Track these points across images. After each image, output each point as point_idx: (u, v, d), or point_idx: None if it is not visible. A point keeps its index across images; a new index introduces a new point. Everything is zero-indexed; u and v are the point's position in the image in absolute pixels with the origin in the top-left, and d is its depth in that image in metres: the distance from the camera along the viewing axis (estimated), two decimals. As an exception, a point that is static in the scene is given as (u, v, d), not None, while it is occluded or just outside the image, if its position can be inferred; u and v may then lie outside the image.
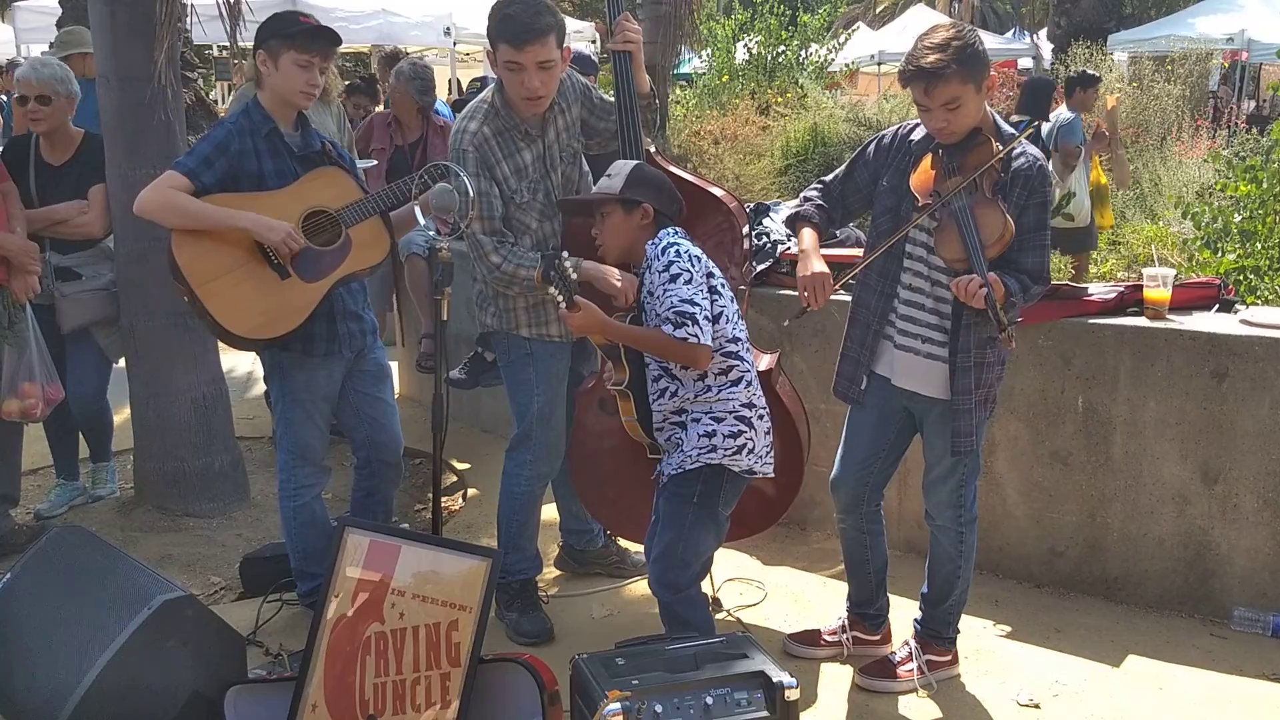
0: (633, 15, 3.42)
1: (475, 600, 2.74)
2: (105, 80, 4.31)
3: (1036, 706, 3.12)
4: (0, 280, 3.94)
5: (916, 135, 3.02)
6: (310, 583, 3.47)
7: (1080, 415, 3.65)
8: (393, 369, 3.95)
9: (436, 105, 6.97)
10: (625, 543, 3.94)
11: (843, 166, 3.19)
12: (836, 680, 3.24)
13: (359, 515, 3.55)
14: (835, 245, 4.02)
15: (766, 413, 2.95)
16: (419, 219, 3.22)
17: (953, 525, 3.11)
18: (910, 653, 3.23)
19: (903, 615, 3.38)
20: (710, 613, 3.04)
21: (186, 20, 4.42)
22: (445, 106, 8.33)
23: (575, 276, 2.82)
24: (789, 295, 3.00)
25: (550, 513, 3.79)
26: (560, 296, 2.77)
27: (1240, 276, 4.56)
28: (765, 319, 3.99)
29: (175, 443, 4.47)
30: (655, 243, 2.85)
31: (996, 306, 2.71)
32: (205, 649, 2.78)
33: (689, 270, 2.77)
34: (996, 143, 2.87)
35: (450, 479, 5.00)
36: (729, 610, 3.62)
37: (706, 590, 3.18)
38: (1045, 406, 3.71)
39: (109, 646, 2.58)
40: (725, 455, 2.83)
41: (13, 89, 4.50)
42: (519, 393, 3.43)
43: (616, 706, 2.33)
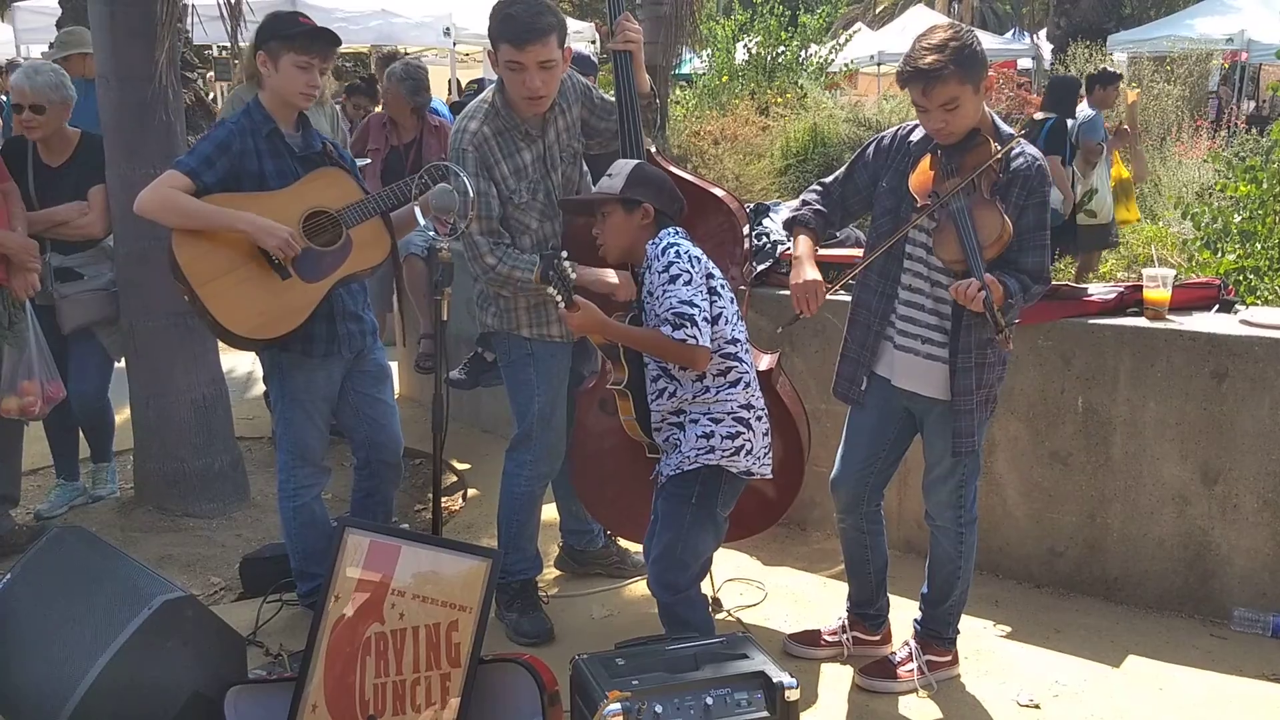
0: (633, 15, 3.42)
1: (475, 601, 2.74)
2: (105, 80, 4.31)
3: (1036, 707, 3.12)
4: (0, 280, 3.94)
5: (916, 136, 3.02)
6: (310, 583, 3.47)
7: (1080, 415, 3.65)
8: (393, 369, 3.94)
9: (434, 105, 6.97)
10: (625, 543, 3.94)
11: (843, 168, 3.19)
12: (836, 680, 3.24)
13: (359, 516, 3.55)
14: (835, 245, 4.03)
15: (765, 414, 2.95)
16: (419, 220, 3.22)
17: (953, 526, 3.11)
18: (910, 653, 3.23)
19: (903, 615, 3.38)
20: (710, 613, 3.04)
21: (186, 20, 4.42)
22: (443, 106, 8.33)
23: (574, 276, 2.82)
24: (788, 296, 3.00)
25: (550, 513, 3.79)
26: (559, 296, 2.77)
27: (1240, 277, 4.56)
28: (765, 320, 3.99)
29: (175, 443, 4.47)
30: (655, 243, 2.85)
31: (994, 309, 2.71)
32: (205, 649, 2.78)
33: (688, 271, 2.77)
34: (995, 143, 2.87)
35: (450, 479, 5.00)
36: (729, 610, 3.62)
37: (706, 591, 3.18)
38: (1045, 407, 3.71)
39: (109, 647, 2.58)
40: (723, 456, 2.83)
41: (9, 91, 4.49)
42: (519, 393, 3.43)
43: (616, 707, 2.33)
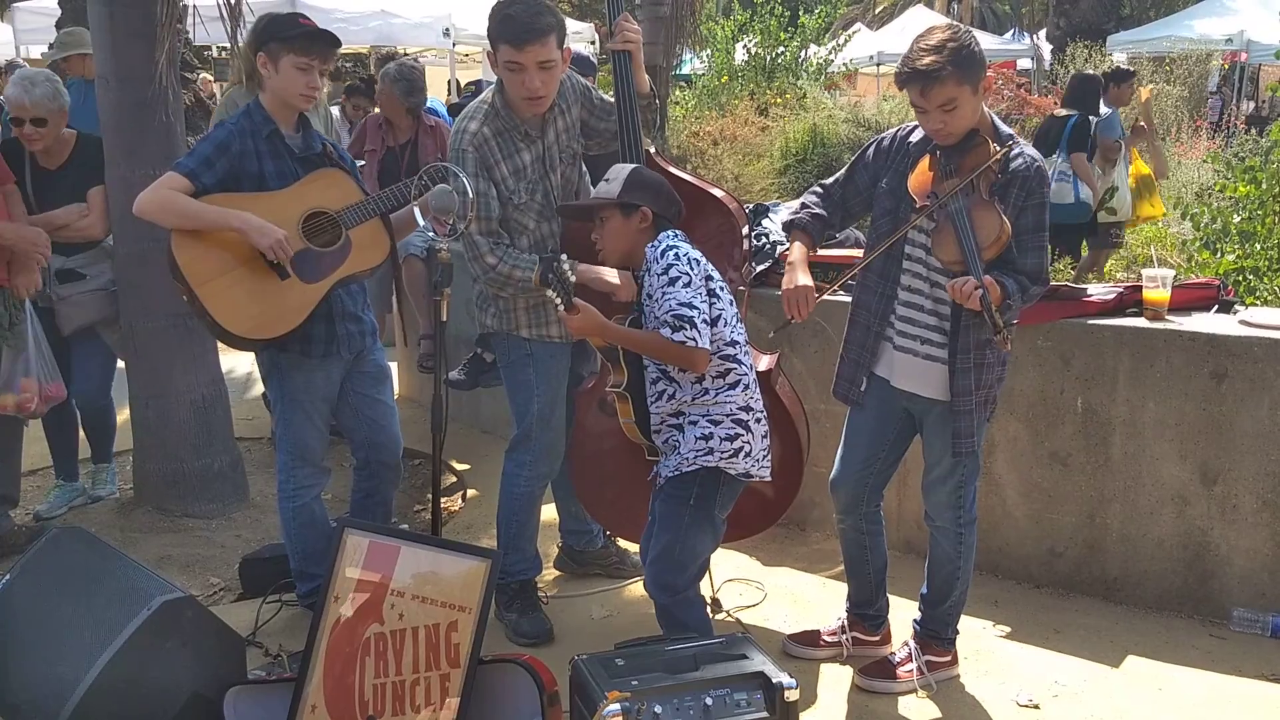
0: (632, 16, 3.42)
1: (475, 601, 2.74)
2: (105, 81, 4.31)
3: (1036, 707, 3.12)
4: (1, 281, 3.94)
5: (915, 137, 3.03)
6: (310, 583, 3.47)
7: (1079, 416, 3.65)
8: (392, 370, 3.94)
9: (432, 105, 6.97)
10: (625, 543, 3.94)
11: (843, 170, 3.20)
12: (836, 681, 3.24)
13: (358, 516, 3.55)
14: (834, 245, 4.03)
15: (764, 416, 2.95)
16: (419, 220, 3.22)
17: (952, 526, 3.11)
18: (910, 653, 3.23)
19: (902, 616, 3.38)
20: (708, 614, 3.04)
21: (186, 20, 4.42)
22: (441, 106, 8.33)
23: (573, 278, 2.82)
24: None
25: (550, 513, 3.79)
26: (558, 299, 2.77)
27: (1239, 277, 4.56)
28: (764, 320, 3.98)
29: (175, 443, 4.47)
30: (654, 245, 2.85)
31: (991, 309, 2.71)
32: (205, 650, 2.78)
33: (688, 273, 2.77)
34: (994, 144, 2.87)
35: (450, 479, 5.00)
36: (729, 611, 3.62)
37: (705, 591, 3.18)
38: (1045, 407, 3.71)
39: (109, 647, 2.58)
40: (722, 458, 2.83)
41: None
42: (519, 394, 3.43)
43: (616, 707, 2.33)
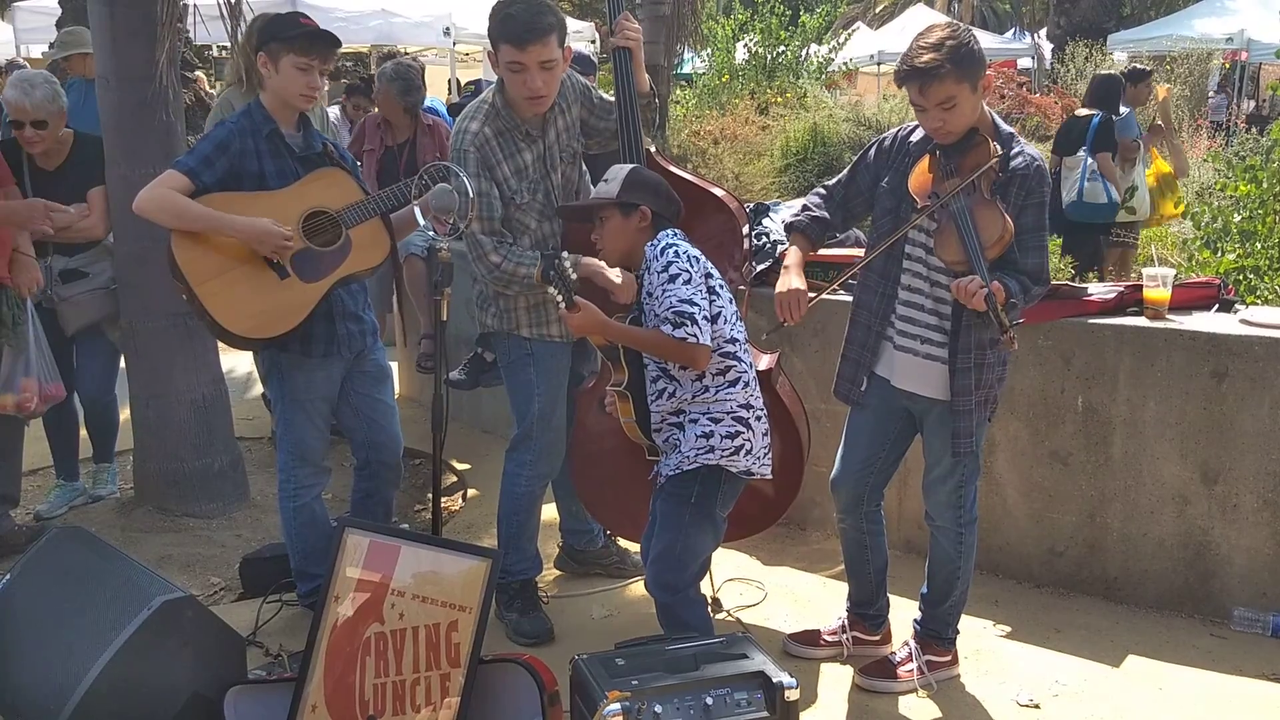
0: (632, 15, 3.42)
1: (475, 601, 2.74)
2: (105, 81, 4.30)
3: (1036, 706, 3.12)
4: (2, 280, 3.94)
5: (915, 137, 3.02)
6: (310, 583, 3.47)
7: (1080, 415, 3.65)
8: (393, 370, 3.94)
9: (431, 104, 6.96)
10: (625, 543, 3.94)
11: (845, 171, 3.20)
12: (836, 680, 3.24)
13: (359, 516, 3.55)
14: (835, 245, 4.02)
15: (764, 414, 2.95)
16: (419, 220, 3.22)
17: (952, 526, 3.11)
18: (910, 653, 3.23)
19: (903, 615, 3.38)
20: (709, 613, 3.04)
21: (186, 20, 4.42)
22: (441, 105, 8.33)
23: (575, 277, 2.82)
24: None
25: (550, 513, 3.79)
26: (560, 296, 2.77)
27: (1240, 276, 4.55)
28: (765, 320, 3.98)
29: (175, 443, 4.47)
30: (654, 244, 2.85)
31: (997, 308, 2.71)
32: (205, 649, 2.78)
33: (688, 270, 2.78)
34: (994, 143, 2.87)
35: (450, 479, 5.00)
36: (729, 610, 3.62)
37: (706, 590, 3.18)
38: (1045, 406, 3.71)
39: (109, 647, 2.58)
40: (723, 456, 2.83)
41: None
42: (519, 393, 3.43)
43: (616, 707, 2.33)
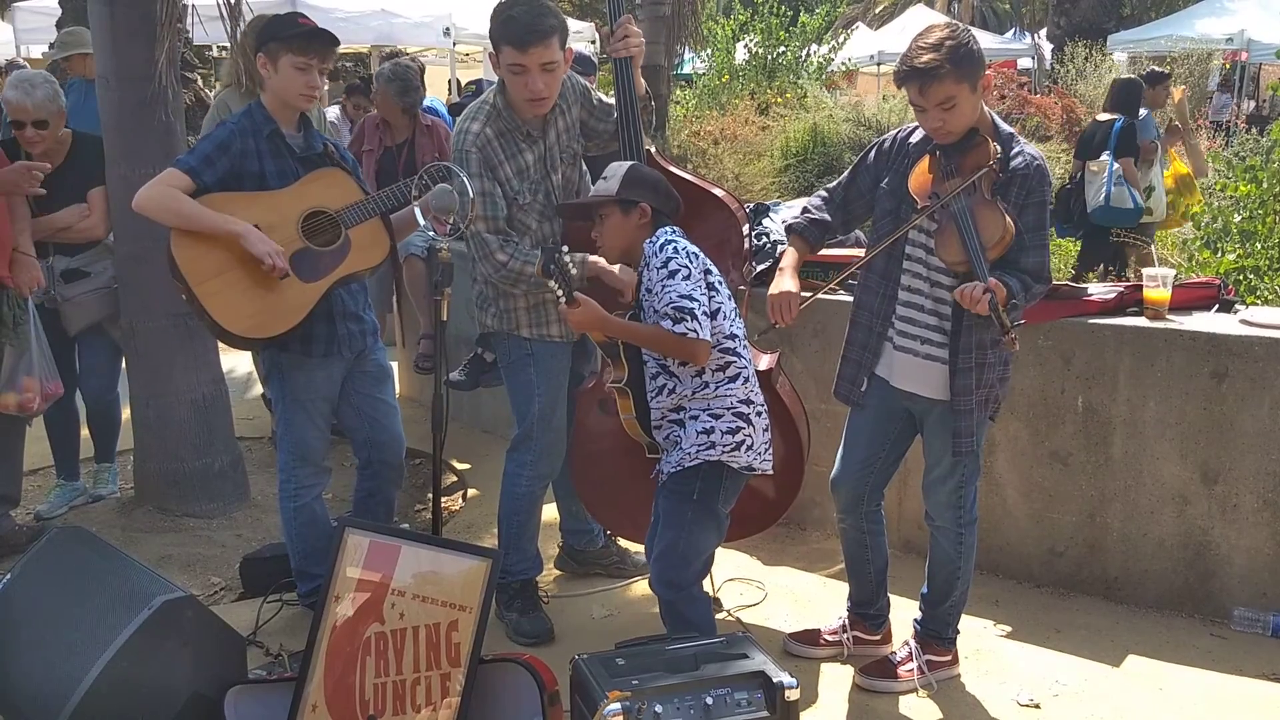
0: (633, 16, 3.42)
1: (475, 600, 2.74)
2: (105, 81, 4.31)
3: (1036, 706, 3.12)
4: (3, 280, 3.94)
5: (915, 138, 3.03)
6: (310, 583, 3.47)
7: (1080, 415, 3.65)
8: (393, 369, 3.94)
9: (431, 104, 6.95)
10: (625, 543, 3.94)
11: (845, 173, 3.20)
12: (837, 680, 3.24)
13: (361, 515, 3.55)
14: (835, 245, 4.02)
15: (765, 409, 2.95)
16: (419, 221, 3.22)
17: (952, 526, 3.11)
18: (910, 653, 3.23)
19: (903, 615, 3.38)
20: (712, 612, 3.04)
21: (186, 20, 4.42)
22: (441, 105, 8.32)
23: (575, 272, 2.82)
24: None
25: (550, 513, 3.79)
26: (560, 291, 2.77)
27: (1240, 276, 4.55)
28: (764, 319, 3.97)
29: (175, 443, 4.47)
30: (653, 241, 2.85)
31: (1000, 311, 2.71)
32: (205, 649, 2.78)
33: (687, 266, 2.78)
34: (994, 143, 2.87)
35: (450, 479, 5.00)
36: (729, 610, 3.63)
37: (706, 590, 3.18)
38: (1045, 406, 3.71)
39: (109, 647, 2.58)
40: (724, 452, 2.83)
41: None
42: (520, 393, 3.43)
43: (616, 706, 2.33)
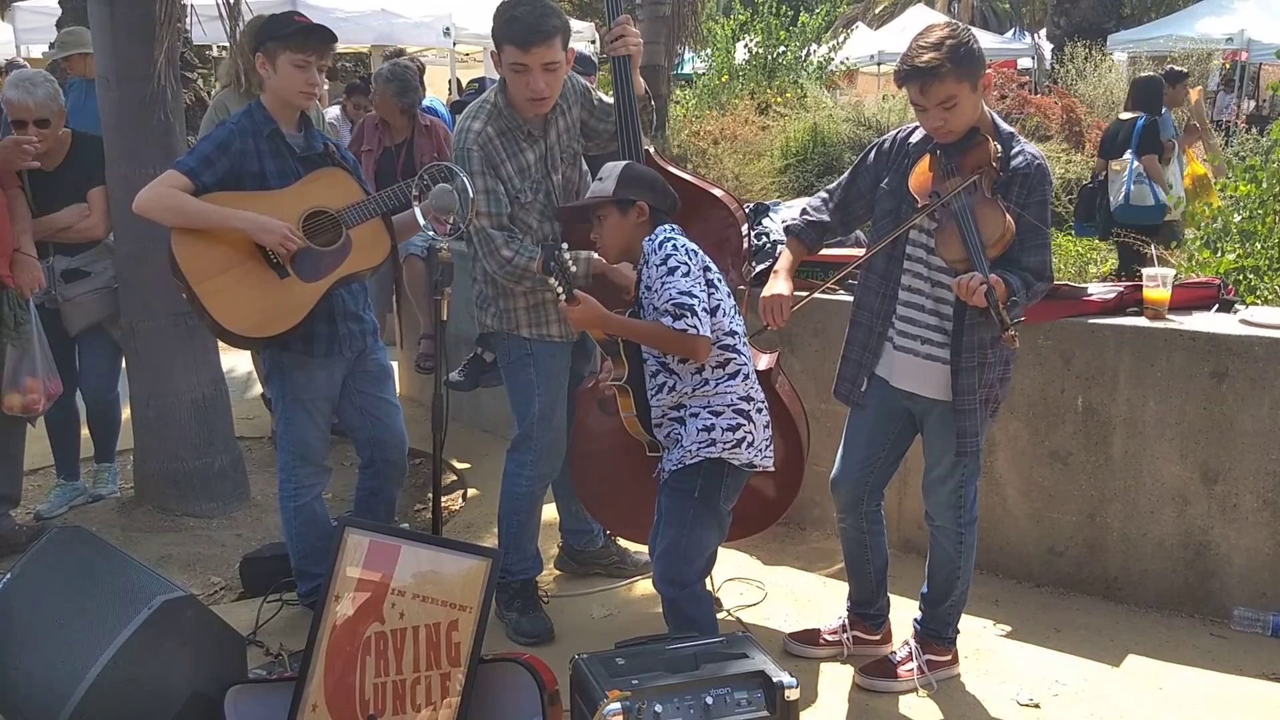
0: (632, 17, 3.42)
1: (475, 600, 2.74)
2: (105, 80, 4.30)
3: (1036, 706, 3.12)
4: (4, 280, 3.94)
5: (915, 138, 3.03)
6: (310, 583, 3.47)
7: (1080, 415, 3.65)
8: (393, 369, 3.94)
9: (431, 104, 6.94)
10: (625, 542, 3.94)
11: (845, 174, 3.20)
12: (837, 680, 3.24)
13: (363, 514, 3.55)
14: (835, 245, 4.02)
15: (765, 406, 2.95)
16: (420, 221, 3.22)
17: (952, 526, 3.11)
18: (910, 652, 3.23)
19: (903, 615, 3.38)
20: (714, 611, 3.04)
21: (186, 20, 4.42)
22: (441, 105, 8.32)
23: (576, 270, 2.82)
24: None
25: (550, 513, 3.79)
26: (560, 288, 2.77)
27: (1240, 276, 4.54)
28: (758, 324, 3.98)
29: (175, 443, 4.47)
30: (651, 239, 2.86)
31: (998, 305, 2.71)
32: (205, 649, 2.78)
33: (686, 263, 2.78)
34: (994, 142, 2.87)
35: (450, 479, 5.00)
36: (729, 610, 3.62)
37: (707, 589, 3.18)
38: (1045, 406, 3.71)
39: (109, 646, 2.58)
40: (725, 449, 2.83)
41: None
42: (520, 393, 3.43)
43: (616, 706, 2.33)
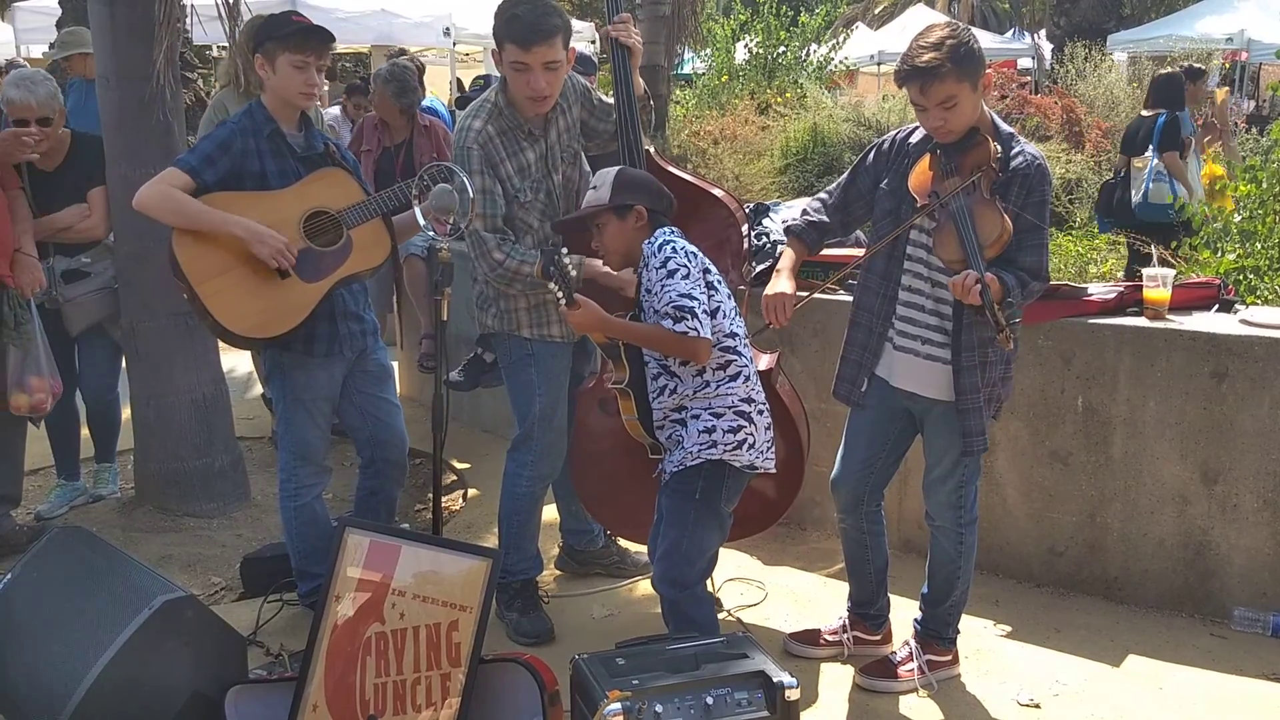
0: (633, 16, 3.43)
1: (475, 600, 2.74)
2: (105, 80, 4.31)
3: (1036, 706, 3.12)
4: (5, 280, 3.94)
5: (915, 138, 3.03)
6: (311, 583, 3.47)
7: (1080, 415, 3.65)
8: (393, 369, 3.94)
9: (430, 105, 6.94)
10: (625, 542, 3.94)
11: (844, 175, 3.20)
12: (837, 680, 3.24)
13: (363, 514, 3.55)
14: (835, 245, 4.02)
15: (766, 408, 2.95)
16: (420, 221, 3.22)
17: (953, 526, 3.11)
18: (910, 652, 3.23)
19: (903, 615, 3.38)
20: (715, 612, 3.04)
21: (186, 20, 4.42)
22: (441, 105, 8.32)
23: (575, 274, 2.82)
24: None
25: (550, 513, 3.79)
26: (560, 293, 2.77)
27: (1240, 276, 4.55)
28: (762, 319, 3.97)
29: (176, 443, 4.47)
30: (651, 242, 2.86)
31: (993, 304, 2.71)
32: (205, 649, 2.78)
33: (686, 266, 2.78)
34: (994, 142, 2.87)
35: (450, 479, 5.00)
36: (729, 610, 3.62)
37: (707, 589, 3.18)
38: (1045, 406, 3.71)
39: (109, 646, 2.58)
40: (726, 450, 2.83)
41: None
42: (521, 394, 3.43)
43: (617, 706, 2.33)
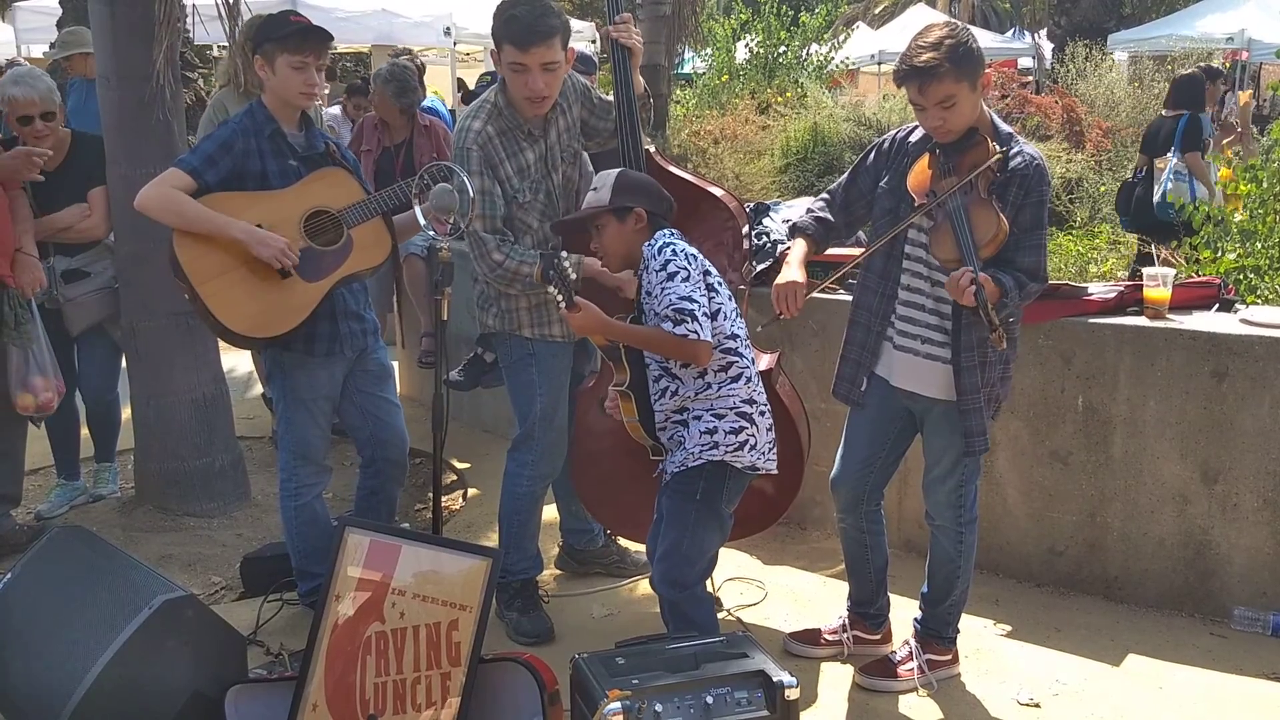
0: (633, 16, 3.43)
1: (476, 600, 2.74)
2: (105, 80, 4.31)
3: (1036, 706, 3.12)
4: (5, 280, 3.94)
5: (914, 137, 3.03)
6: (311, 582, 3.47)
7: (1080, 415, 3.65)
8: (394, 369, 3.94)
9: (431, 105, 6.95)
10: (625, 542, 3.94)
11: (845, 175, 3.20)
12: (837, 679, 3.25)
13: (363, 513, 3.56)
14: (835, 244, 4.02)
15: (768, 409, 2.95)
16: (420, 221, 3.22)
17: (952, 526, 3.11)
18: (910, 652, 3.23)
19: (903, 615, 3.38)
20: (715, 613, 3.04)
21: (186, 20, 4.42)
22: (441, 106, 8.33)
23: (575, 276, 2.82)
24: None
25: (550, 513, 3.79)
26: (560, 296, 2.77)
27: (1240, 276, 4.55)
28: (764, 318, 3.98)
29: (176, 442, 4.47)
30: (651, 244, 2.86)
31: (986, 304, 2.71)
32: (206, 649, 2.78)
33: (686, 268, 2.78)
34: (993, 143, 2.87)
35: (450, 478, 5.00)
36: (729, 610, 3.63)
37: (707, 589, 3.18)
38: (1045, 406, 3.71)
39: (109, 646, 2.58)
40: (727, 452, 2.84)
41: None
42: (521, 393, 3.43)
43: (617, 706, 2.33)
